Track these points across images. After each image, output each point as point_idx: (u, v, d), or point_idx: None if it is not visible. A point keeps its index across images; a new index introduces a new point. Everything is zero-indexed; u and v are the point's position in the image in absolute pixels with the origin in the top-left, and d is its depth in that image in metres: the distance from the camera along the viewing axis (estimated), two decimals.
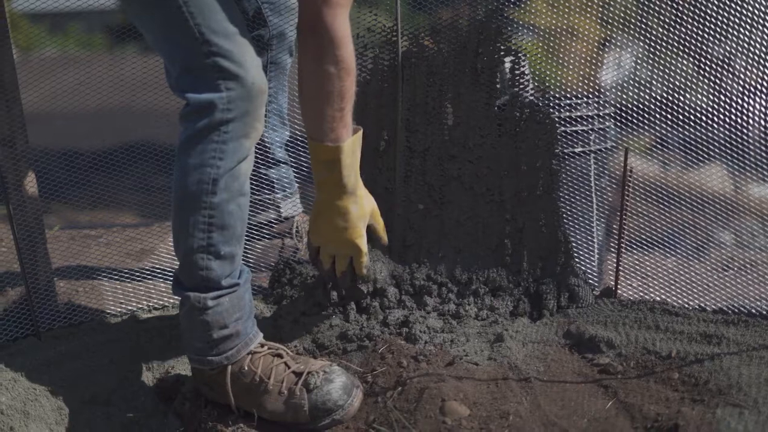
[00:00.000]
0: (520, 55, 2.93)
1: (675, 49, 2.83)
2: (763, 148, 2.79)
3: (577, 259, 2.97)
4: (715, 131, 2.81)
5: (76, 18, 3.50)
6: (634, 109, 2.89)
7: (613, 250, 2.99)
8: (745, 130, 2.79)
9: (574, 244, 2.96)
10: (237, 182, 2.48)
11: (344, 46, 2.51)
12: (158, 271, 3.19)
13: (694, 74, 2.83)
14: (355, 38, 2.69)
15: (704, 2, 2.78)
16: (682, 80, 2.83)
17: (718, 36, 2.79)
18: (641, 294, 2.96)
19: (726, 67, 2.81)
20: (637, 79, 2.92)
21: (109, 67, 3.11)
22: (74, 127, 3.28)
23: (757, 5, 2.74)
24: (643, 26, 2.85)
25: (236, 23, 2.44)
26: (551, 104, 2.95)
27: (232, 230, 2.50)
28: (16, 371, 2.68)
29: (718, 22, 2.78)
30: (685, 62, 2.84)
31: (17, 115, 2.89)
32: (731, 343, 2.63)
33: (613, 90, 2.98)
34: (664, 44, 2.84)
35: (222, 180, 2.45)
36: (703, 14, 2.79)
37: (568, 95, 2.98)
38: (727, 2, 2.77)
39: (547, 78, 2.97)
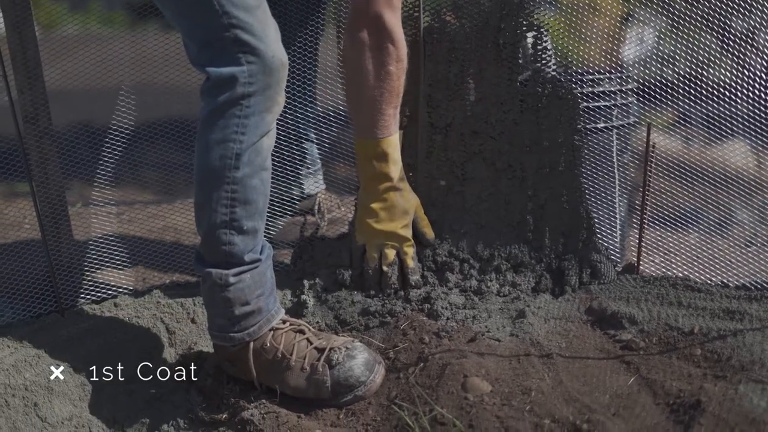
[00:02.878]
0: (542, 30, 2.91)
1: (698, 24, 2.82)
2: None
3: (599, 235, 2.96)
4: (738, 107, 2.80)
5: None
6: (657, 84, 2.88)
7: (635, 226, 2.98)
8: None
9: (596, 220, 2.95)
10: (260, 157, 2.48)
11: (403, 46, 2.73)
12: (181, 247, 3.20)
13: (717, 49, 2.81)
14: None
15: None
16: (705, 55, 2.81)
17: (741, 10, 2.77)
18: (663, 270, 2.95)
19: (750, 42, 2.79)
20: (659, 54, 2.90)
21: (131, 45, 3.11)
22: (96, 104, 3.29)
23: None
24: (666, 1, 2.83)
25: None
26: (573, 80, 2.93)
27: (254, 205, 2.51)
28: (40, 348, 2.70)
29: None
30: (708, 37, 2.82)
31: (40, 93, 2.90)
32: (754, 319, 2.62)
33: (636, 65, 2.97)
34: (686, 19, 2.82)
35: (245, 155, 2.46)
36: None
37: (591, 70, 2.98)
38: None
39: (570, 53, 2.96)
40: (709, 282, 2.88)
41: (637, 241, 2.96)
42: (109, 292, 3.04)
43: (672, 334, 2.63)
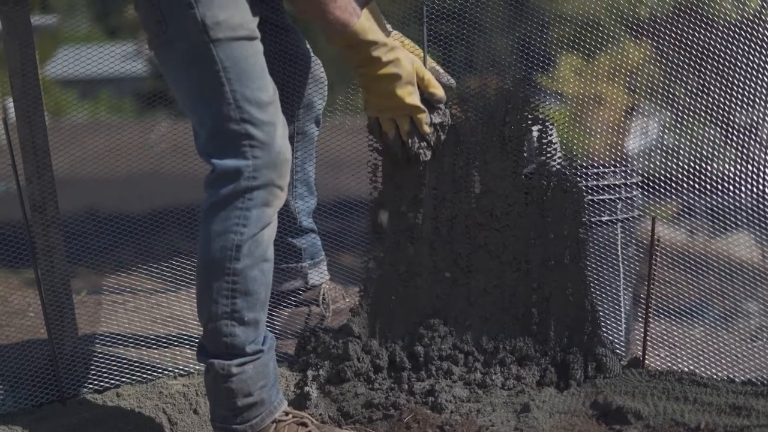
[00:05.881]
0: (547, 123, 2.93)
1: (701, 117, 2.84)
2: None
3: (604, 329, 2.95)
4: (742, 199, 2.81)
5: (107, 84, 3.54)
6: (661, 177, 2.89)
7: (640, 319, 2.97)
8: None
9: (601, 313, 2.94)
10: (260, 248, 2.49)
11: None
12: (185, 337, 3.19)
13: (721, 142, 2.83)
14: None
15: (730, 70, 2.79)
16: (709, 148, 2.83)
17: (744, 104, 2.79)
18: (669, 364, 2.93)
19: (753, 135, 2.81)
20: (663, 147, 2.92)
21: (139, 133, 3.13)
22: (103, 192, 3.30)
23: None
24: (670, 94, 2.86)
25: (270, 93, 2.47)
26: (578, 173, 2.95)
27: (255, 296, 2.51)
28: None
29: (745, 91, 2.79)
30: (711, 130, 2.83)
31: (48, 181, 2.92)
32: (761, 415, 2.60)
33: (640, 158, 2.98)
34: (690, 112, 2.84)
35: (245, 246, 2.46)
36: (729, 82, 2.79)
37: (595, 164, 2.99)
38: (754, 70, 2.78)
39: (575, 146, 2.97)
40: (715, 377, 2.86)
41: (642, 334, 2.94)
42: (112, 381, 3.02)
43: (678, 429, 2.61)
